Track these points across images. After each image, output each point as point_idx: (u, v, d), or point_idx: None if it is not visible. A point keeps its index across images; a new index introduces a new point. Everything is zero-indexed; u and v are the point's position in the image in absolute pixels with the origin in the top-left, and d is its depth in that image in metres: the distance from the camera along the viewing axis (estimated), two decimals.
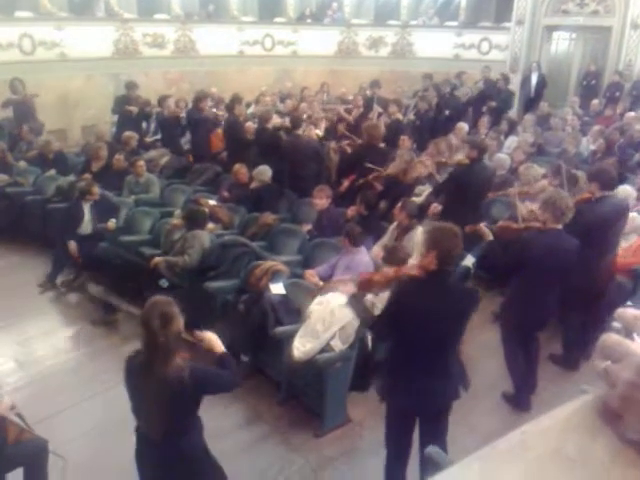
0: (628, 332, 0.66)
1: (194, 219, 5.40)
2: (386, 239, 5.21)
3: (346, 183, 6.90)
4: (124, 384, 2.73)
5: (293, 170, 6.99)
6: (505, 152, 8.06)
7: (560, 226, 3.95)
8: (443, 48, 13.40)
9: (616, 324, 0.68)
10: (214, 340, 2.75)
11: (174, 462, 2.67)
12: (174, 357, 2.54)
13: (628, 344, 0.61)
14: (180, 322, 2.59)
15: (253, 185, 6.58)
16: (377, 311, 3.64)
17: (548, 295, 4.03)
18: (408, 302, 2.96)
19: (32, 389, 4.41)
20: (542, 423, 0.62)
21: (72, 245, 5.97)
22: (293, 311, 4.46)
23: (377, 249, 5.12)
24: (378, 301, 4.07)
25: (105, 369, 4.72)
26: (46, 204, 6.90)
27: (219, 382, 2.73)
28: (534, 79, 11.75)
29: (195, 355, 2.73)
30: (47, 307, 5.83)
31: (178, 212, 6.09)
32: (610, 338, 0.62)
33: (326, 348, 3.97)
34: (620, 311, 0.67)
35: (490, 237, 4.26)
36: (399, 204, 5.23)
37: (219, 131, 8.57)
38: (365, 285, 3.53)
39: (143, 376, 2.57)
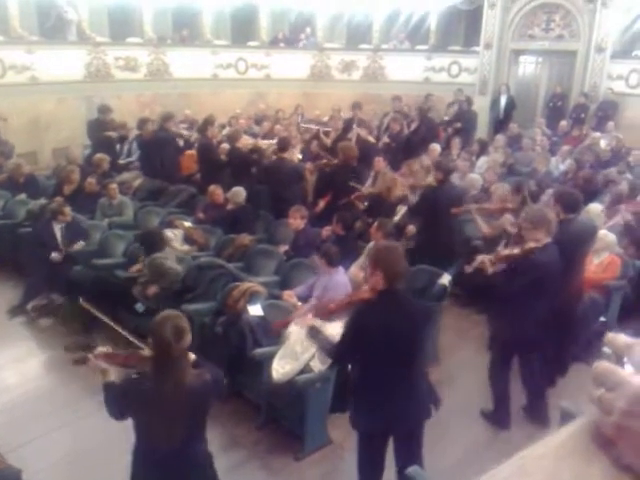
0: (618, 358, 0.66)
1: (149, 243, 5.27)
2: (363, 259, 5.22)
3: (322, 203, 6.93)
4: (124, 404, 2.68)
5: (276, 192, 6.99)
6: (477, 172, 8.20)
7: (550, 239, 3.98)
8: (414, 71, 13.65)
9: (606, 349, 0.68)
10: None
11: (187, 472, 2.69)
12: (188, 367, 2.62)
13: (621, 373, 0.61)
14: (190, 336, 2.65)
15: (229, 207, 6.55)
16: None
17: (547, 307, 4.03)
18: (363, 324, 2.97)
19: (3, 418, 4.26)
20: (539, 448, 0.62)
21: (56, 256, 5.94)
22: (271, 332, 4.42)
23: (355, 269, 5.12)
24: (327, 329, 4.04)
25: (78, 396, 4.60)
26: (16, 228, 6.76)
27: (221, 379, 2.81)
28: (503, 101, 12.04)
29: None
30: (18, 333, 5.67)
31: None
32: (603, 366, 0.62)
33: (305, 369, 3.94)
34: (611, 337, 0.67)
35: (490, 270, 4.27)
36: (375, 224, 5.26)
37: (192, 152, 8.55)
38: (324, 314, 3.55)
39: (158, 391, 2.56)
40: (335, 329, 3.93)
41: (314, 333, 3.92)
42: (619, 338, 0.65)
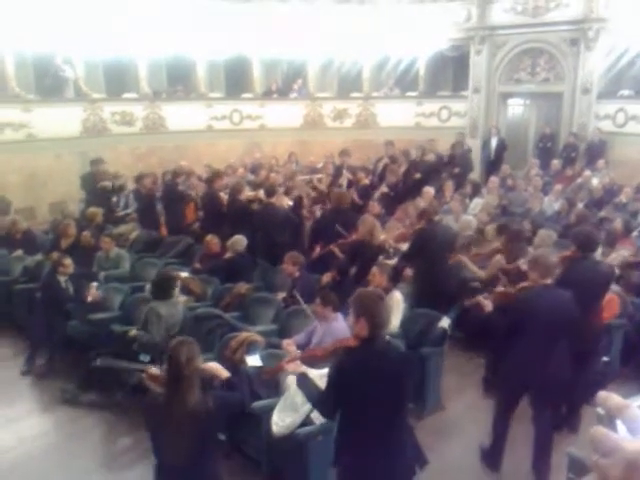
0: (611, 419, 0.66)
1: (158, 288, 5.22)
2: None
3: (318, 249, 6.94)
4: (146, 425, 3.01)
5: (267, 239, 7.03)
6: (470, 214, 8.26)
7: (549, 281, 3.98)
8: (405, 117, 13.94)
9: (600, 410, 0.68)
10: (218, 368, 3.11)
11: None
12: (196, 388, 2.86)
13: (614, 438, 0.61)
14: (200, 359, 2.94)
15: (226, 256, 6.55)
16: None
17: (553, 352, 3.94)
18: (346, 372, 2.93)
19: None
20: None
21: (92, 288, 5.92)
22: (270, 383, 4.34)
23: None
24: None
25: (72, 458, 4.48)
26: (13, 285, 6.75)
27: (233, 402, 3.15)
28: (494, 142, 12.23)
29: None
30: (11, 393, 5.56)
31: (148, 287, 5.97)
32: (598, 432, 0.63)
33: (306, 421, 3.85)
34: (604, 397, 0.67)
35: (489, 308, 4.26)
36: (376, 268, 5.25)
37: (191, 204, 8.64)
38: (310, 360, 3.58)
39: (168, 409, 2.80)
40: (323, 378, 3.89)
41: (303, 381, 3.87)
42: (611, 399, 0.64)
